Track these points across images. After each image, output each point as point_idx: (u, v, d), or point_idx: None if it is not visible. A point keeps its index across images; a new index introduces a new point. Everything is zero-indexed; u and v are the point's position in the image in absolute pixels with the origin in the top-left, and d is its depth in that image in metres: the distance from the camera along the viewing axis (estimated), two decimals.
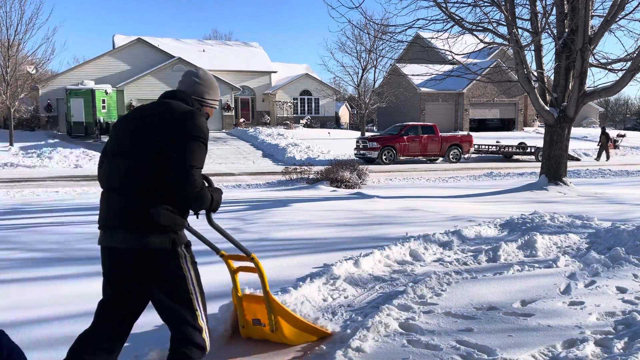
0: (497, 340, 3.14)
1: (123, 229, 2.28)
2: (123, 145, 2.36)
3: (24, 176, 16.96)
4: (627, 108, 77.46)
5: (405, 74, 28.96)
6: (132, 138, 2.34)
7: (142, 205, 2.25)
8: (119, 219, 2.29)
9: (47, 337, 3.25)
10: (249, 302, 3.24)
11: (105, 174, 2.40)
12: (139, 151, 2.29)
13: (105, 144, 2.49)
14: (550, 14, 11.51)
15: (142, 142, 2.30)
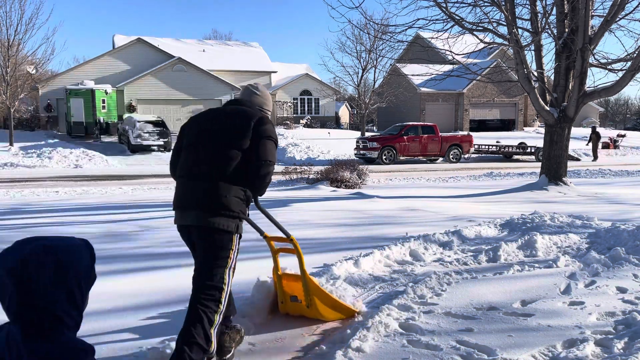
0: (497, 340, 3.14)
1: (197, 209, 2.70)
2: (206, 140, 2.79)
3: (24, 176, 16.96)
4: (627, 108, 77.47)
5: (405, 74, 28.97)
6: (215, 135, 2.79)
7: (218, 191, 2.69)
8: (195, 201, 2.71)
9: None
10: (288, 281, 3.59)
11: (185, 163, 2.82)
12: (221, 146, 2.74)
13: (179, 139, 2.96)
14: (550, 13, 11.51)
15: (224, 139, 2.76)
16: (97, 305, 3.82)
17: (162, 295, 4.06)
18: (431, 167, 21.98)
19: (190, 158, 2.83)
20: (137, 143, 23.71)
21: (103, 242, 6.14)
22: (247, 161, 2.75)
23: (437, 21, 11.28)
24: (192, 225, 2.73)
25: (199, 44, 40.67)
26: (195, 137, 2.85)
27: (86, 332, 3.33)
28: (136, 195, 12.02)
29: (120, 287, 4.26)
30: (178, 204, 2.82)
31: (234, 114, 2.87)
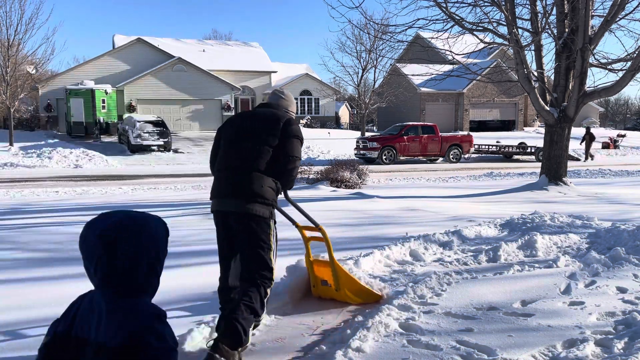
0: (497, 340, 3.13)
1: (235, 197, 3.07)
2: (243, 137, 3.18)
3: (24, 176, 16.96)
4: (627, 108, 77.47)
5: (405, 74, 28.97)
6: (250, 134, 3.17)
7: (253, 182, 3.07)
8: (233, 190, 3.08)
9: None
10: (318, 266, 3.96)
11: (224, 158, 3.21)
12: (255, 144, 3.12)
13: (217, 138, 3.34)
14: (551, 13, 11.51)
15: (259, 137, 3.13)
16: None
17: (161, 296, 4.05)
18: (431, 167, 21.98)
19: (228, 154, 3.21)
20: (137, 143, 23.71)
21: None
22: (277, 156, 3.14)
23: (437, 21, 11.29)
24: (231, 211, 3.10)
25: (199, 44, 40.67)
26: (232, 136, 3.25)
27: None
28: (136, 195, 12.02)
29: None
30: (217, 193, 3.19)
31: (265, 116, 3.27)
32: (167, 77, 32.82)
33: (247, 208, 3.05)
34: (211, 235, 3.01)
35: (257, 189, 3.07)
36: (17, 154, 22.23)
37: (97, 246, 1.33)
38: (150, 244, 1.38)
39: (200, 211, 8.57)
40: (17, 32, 23.77)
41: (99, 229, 1.34)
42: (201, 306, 3.80)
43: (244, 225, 3.09)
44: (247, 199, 3.06)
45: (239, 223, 3.10)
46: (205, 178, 17.04)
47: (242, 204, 3.06)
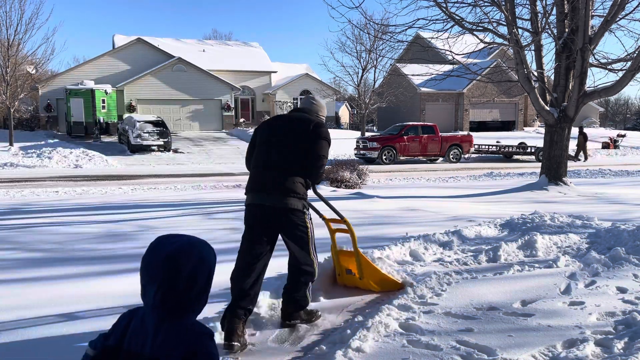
0: (497, 340, 3.13)
1: (271, 192, 3.35)
2: (276, 139, 3.47)
3: (24, 176, 16.96)
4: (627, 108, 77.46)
5: (405, 74, 28.97)
6: (284, 135, 3.47)
7: (288, 178, 3.36)
8: (270, 186, 3.35)
9: (47, 337, 3.25)
10: (343, 256, 4.27)
11: (261, 157, 3.48)
12: (288, 144, 3.42)
13: (253, 138, 3.61)
14: (551, 13, 11.51)
15: (292, 139, 3.44)
16: (96, 305, 3.82)
17: None
18: (431, 167, 21.99)
19: (264, 153, 3.49)
20: (137, 143, 23.71)
21: (103, 242, 6.14)
22: (307, 156, 3.43)
23: (437, 21, 11.29)
24: (267, 205, 3.36)
25: (199, 44, 40.67)
26: (268, 136, 3.54)
27: (86, 332, 3.33)
28: (136, 195, 12.02)
29: (120, 287, 4.26)
30: (254, 187, 3.45)
31: (298, 119, 3.58)
32: (167, 77, 32.81)
33: (283, 202, 3.34)
34: (211, 235, 3.02)
35: (290, 184, 3.37)
36: (17, 154, 22.23)
37: (162, 269, 1.44)
38: (205, 269, 1.49)
39: (200, 211, 8.57)
40: (17, 32, 23.77)
41: (165, 252, 1.45)
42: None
43: (283, 219, 3.38)
44: (281, 193, 3.35)
45: (277, 217, 3.38)
46: (205, 178, 17.05)
47: (278, 198, 3.35)
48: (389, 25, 14.64)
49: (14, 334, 3.31)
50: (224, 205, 9.27)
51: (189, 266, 1.45)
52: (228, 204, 9.55)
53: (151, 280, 1.47)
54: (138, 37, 33.74)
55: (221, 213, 8.35)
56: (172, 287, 1.44)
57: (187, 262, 1.45)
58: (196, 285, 1.47)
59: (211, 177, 17.47)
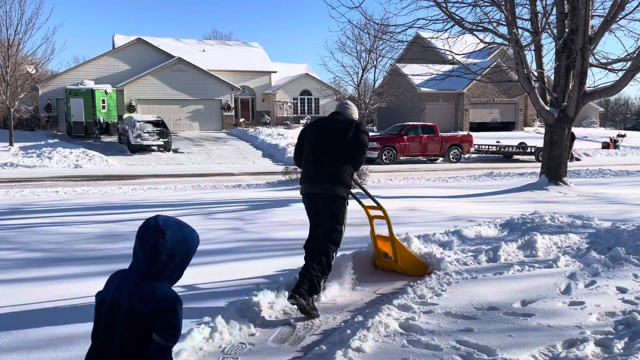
0: (497, 340, 3.13)
1: (322, 182, 4.00)
2: (324, 137, 4.11)
3: (24, 176, 16.96)
4: (627, 108, 77.44)
5: (405, 74, 28.97)
6: (330, 134, 4.11)
7: (337, 170, 4.00)
8: (321, 176, 4.01)
9: (47, 337, 3.25)
10: (380, 240, 4.76)
11: (312, 153, 4.12)
12: (335, 141, 4.05)
13: (301, 138, 4.27)
14: (550, 13, 11.51)
15: (337, 136, 4.06)
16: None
17: None
18: (431, 167, 21.99)
19: (314, 150, 4.13)
20: (137, 143, 23.71)
21: (103, 242, 6.14)
22: (351, 149, 4.04)
23: (437, 21, 11.28)
24: (318, 193, 4.02)
25: (199, 44, 40.66)
26: (316, 135, 4.18)
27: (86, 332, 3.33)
28: (136, 195, 12.02)
29: None
30: (307, 179, 4.11)
31: (340, 120, 4.22)
32: (167, 77, 32.81)
33: (332, 190, 3.98)
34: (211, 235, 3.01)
35: (338, 175, 3.99)
36: (17, 154, 22.23)
37: (151, 238, 1.82)
38: (185, 249, 1.87)
39: (200, 211, 8.57)
40: (17, 32, 23.79)
41: (158, 226, 1.84)
42: (201, 306, 3.80)
43: (327, 204, 4.00)
44: (331, 183, 3.98)
45: (323, 202, 4.00)
46: (205, 178, 17.05)
47: (327, 187, 3.98)
48: (389, 25, 14.66)
49: (14, 334, 3.31)
50: (224, 205, 9.27)
51: (172, 242, 1.82)
52: (228, 204, 9.55)
53: (141, 246, 1.85)
54: (138, 37, 33.73)
55: (221, 213, 8.35)
56: (156, 255, 1.81)
57: (171, 238, 1.82)
58: (175, 259, 1.84)
59: (211, 177, 17.48)
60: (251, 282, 4.36)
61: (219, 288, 4.23)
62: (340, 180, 3.99)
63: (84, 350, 3.08)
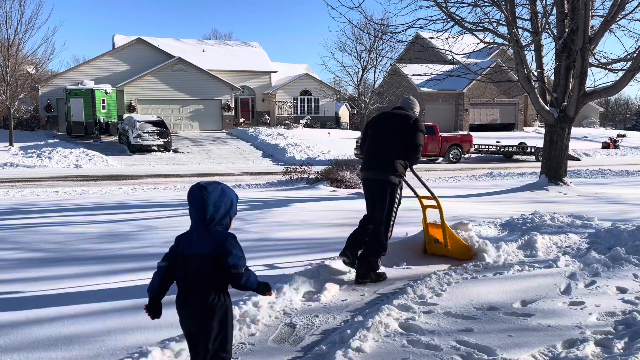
0: (497, 340, 3.14)
1: (378, 169, 4.52)
2: (383, 130, 4.62)
3: (24, 176, 16.96)
4: (627, 108, 77.43)
5: (405, 74, 28.97)
6: (390, 127, 4.61)
7: (391, 160, 4.50)
8: (377, 164, 4.54)
9: (47, 337, 3.25)
10: (432, 228, 5.18)
11: (372, 144, 4.64)
12: (393, 134, 4.55)
13: (365, 130, 4.79)
14: (551, 14, 11.51)
15: (395, 130, 4.57)
16: (97, 305, 3.82)
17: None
18: (431, 167, 21.98)
19: (373, 140, 4.65)
20: (137, 143, 23.71)
21: (103, 242, 6.14)
22: (407, 143, 4.51)
23: (437, 21, 11.29)
24: (373, 179, 4.55)
25: (199, 44, 40.66)
26: (377, 128, 4.68)
27: (86, 332, 3.33)
28: (136, 195, 12.02)
29: (120, 287, 4.26)
30: (365, 167, 4.66)
31: (400, 115, 4.68)
32: (167, 77, 32.81)
33: (384, 177, 4.48)
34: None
35: (391, 164, 4.47)
36: (17, 154, 22.23)
37: (199, 197, 2.34)
38: (227, 200, 2.39)
39: None
40: (17, 32, 23.83)
41: (201, 185, 2.37)
42: None
43: (381, 189, 4.49)
44: (384, 171, 4.48)
45: (377, 187, 4.50)
46: (205, 178, 17.06)
47: (381, 174, 4.49)
48: (389, 25, 14.68)
49: (14, 334, 3.31)
50: None
51: (214, 195, 2.35)
52: None
53: (192, 205, 2.37)
54: (138, 37, 33.73)
55: None
56: (204, 207, 2.34)
57: (213, 191, 2.36)
58: (220, 208, 2.36)
59: (211, 177, 17.48)
60: None
61: None
62: (392, 169, 4.47)
63: (84, 350, 3.09)
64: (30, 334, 3.30)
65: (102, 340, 3.19)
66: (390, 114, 4.74)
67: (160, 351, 2.95)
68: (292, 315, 3.71)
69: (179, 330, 3.28)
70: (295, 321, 3.60)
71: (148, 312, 2.45)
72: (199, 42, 41.20)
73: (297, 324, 3.56)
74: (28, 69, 27.20)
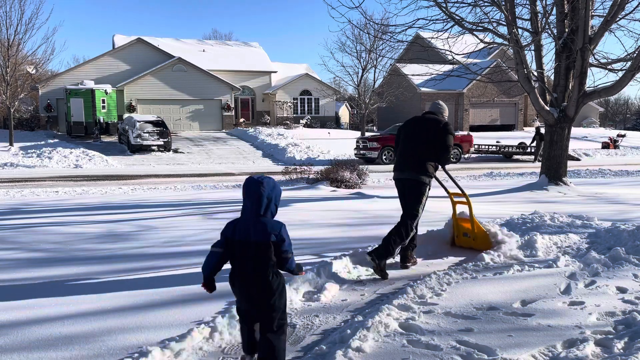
0: (497, 340, 3.14)
1: (410, 170, 4.88)
2: (415, 134, 4.97)
3: (24, 176, 16.96)
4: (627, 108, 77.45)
5: (405, 74, 28.97)
6: (420, 131, 4.96)
7: (422, 161, 4.85)
8: (410, 166, 4.89)
9: (47, 337, 3.25)
10: (461, 222, 5.61)
11: (405, 146, 5.00)
12: (424, 137, 4.90)
13: (398, 134, 5.17)
14: (550, 13, 11.50)
15: (425, 133, 4.91)
16: (96, 305, 3.82)
17: (161, 295, 4.06)
18: None
19: (405, 143, 5.02)
20: (137, 143, 23.71)
21: (103, 242, 6.14)
22: (438, 145, 4.86)
23: (437, 21, 11.28)
24: (404, 178, 4.92)
25: (199, 44, 40.66)
26: (409, 131, 5.05)
27: (85, 332, 3.33)
28: (136, 195, 12.02)
29: (120, 287, 4.26)
30: (398, 168, 5.03)
31: (430, 119, 5.02)
32: (167, 77, 32.82)
33: (414, 177, 4.84)
34: (212, 235, 3.03)
35: (422, 166, 4.82)
36: (17, 154, 22.23)
37: (257, 190, 2.72)
38: (277, 192, 2.80)
39: (200, 211, 8.57)
40: (17, 32, 23.81)
41: (259, 181, 2.73)
42: (201, 306, 3.80)
43: (411, 187, 4.87)
44: (415, 171, 4.84)
45: (408, 185, 4.89)
46: (205, 178, 17.05)
47: (412, 174, 4.85)
48: (389, 25, 14.64)
49: (14, 334, 3.31)
50: (224, 205, 9.27)
51: (268, 188, 2.74)
52: (228, 204, 9.55)
53: (249, 197, 2.74)
54: (138, 37, 33.73)
55: (221, 213, 8.34)
56: (260, 199, 2.72)
57: (267, 185, 2.73)
58: (272, 200, 2.77)
59: (211, 177, 17.48)
60: None
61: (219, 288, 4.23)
62: (423, 170, 4.82)
63: (84, 350, 3.09)
64: (30, 334, 3.30)
65: (102, 340, 3.19)
66: (422, 118, 5.09)
67: (160, 351, 2.95)
68: (292, 315, 3.71)
69: (178, 330, 3.29)
70: (295, 321, 3.60)
71: (206, 288, 2.86)
72: (199, 42, 41.21)
73: (297, 324, 3.56)
74: (28, 69, 27.20)
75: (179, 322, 3.47)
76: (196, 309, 3.73)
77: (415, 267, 4.98)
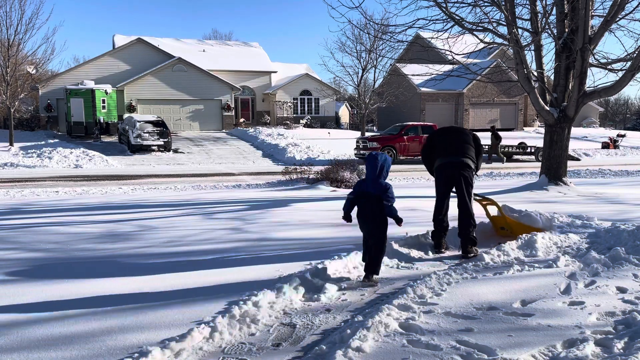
0: (497, 340, 3.14)
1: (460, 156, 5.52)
2: (458, 138, 5.69)
3: (24, 176, 16.96)
4: (627, 108, 77.45)
5: (405, 74, 28.96)
6: (462, 136, 5.72)
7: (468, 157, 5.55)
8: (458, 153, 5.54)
9: (47, 337, 3.26)
10: (495, 220, 6.42)
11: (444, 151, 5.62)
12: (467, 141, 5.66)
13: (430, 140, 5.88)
14: (550, 14, 11.50)
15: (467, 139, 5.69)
16: (97, 305, 3.83)
17: (161, 295, 4.06)
18: None
19: (451, 143, 5.66)
20: (137, 143, 23.71)
21: (103, 242, 6.14)
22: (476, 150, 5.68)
23: (437, 21, 11.27)
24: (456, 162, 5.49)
25: (199, 44, 40.66)
26: (448, 137, 5.76)
27: (86, 332, 3.33)
28: (136, 195, 12.02)
29: (120, 287, 4.26)
30: (447, 156, 5.59)
31: (465, 129, 5.94)
32: (167, 77, 32.82)
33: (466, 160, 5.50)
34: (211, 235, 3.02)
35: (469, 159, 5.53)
36: (17, 154, 22.24)
37: (374, 161, 4.49)
38: (388, 162, 4.53)
39: (200, 211, 8.58)
40: (17, 32, 23.81)
41: (375, 156, 4.51)
42: (201, 306, 3.80)
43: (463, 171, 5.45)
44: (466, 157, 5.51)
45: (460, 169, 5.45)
46: (205, 178, 17.06)
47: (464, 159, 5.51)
48: (389, 25, 14.58)
49: (14, 334, 3.31)
50: (224, 205, 9.27)
51: (382, 160, 4.49)
52: (228, 204, 9.55)
53: (370, 166, 4.47)
54: (138, 37, 33.73)
55: (221, 213, 8.35)
56: (375, 167, 4.45)
57: (381, 157, 4.50)
58: (384, 168, 4.47)
59: (211, 177, 17.48)
60: (251, 282, 4.37)
61: (219, 288, 4.23)
62: (471, 158, 5.52)
63: (84, 350, 3.09)
64: (30, 334, 3.30)
65: (102, 340, 3.19)
66: (457, 128, 6.00)
67: (160, 351, 2.96)
68: (292, 315, 3.71)
69: (179, 330, 3.30)
70: (295, 321, 3.60)
71: (345, 219, 4.56)
72: (199, 42, 41.21)
73: (297, 323, 3.56)
74: (28, 69, 27.20)
75: (179, 322, 3.47)
76: (196, 309, 3.73)
77: (415, 267, 4.97)
